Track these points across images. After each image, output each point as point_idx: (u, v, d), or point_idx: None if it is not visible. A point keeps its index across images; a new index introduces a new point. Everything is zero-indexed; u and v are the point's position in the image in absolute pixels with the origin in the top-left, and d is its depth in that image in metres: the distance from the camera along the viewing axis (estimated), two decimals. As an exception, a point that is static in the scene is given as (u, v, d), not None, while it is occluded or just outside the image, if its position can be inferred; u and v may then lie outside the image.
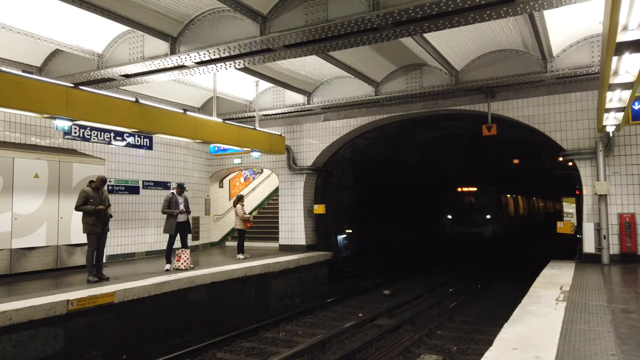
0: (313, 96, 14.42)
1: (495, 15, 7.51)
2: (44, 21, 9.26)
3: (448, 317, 10.40)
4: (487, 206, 24.26)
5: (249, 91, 14.70)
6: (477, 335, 8.87)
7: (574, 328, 5.49)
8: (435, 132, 18.18)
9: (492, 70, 11.81)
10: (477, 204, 24.71)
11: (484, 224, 23.87)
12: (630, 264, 10.48)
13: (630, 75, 6.19)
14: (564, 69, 11.16)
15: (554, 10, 8.53)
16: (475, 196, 25.08)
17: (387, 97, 13.21)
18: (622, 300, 7.10)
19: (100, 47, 10.52)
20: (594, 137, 11.18)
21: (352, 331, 9.23)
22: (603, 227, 10.83)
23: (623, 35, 4.76)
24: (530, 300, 7.02)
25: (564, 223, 15.44)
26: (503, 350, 4.69)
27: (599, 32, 10.28)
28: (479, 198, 24.91)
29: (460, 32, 10.17)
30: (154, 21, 9.13)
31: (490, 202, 24.64)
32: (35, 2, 8.65)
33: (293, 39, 8.49)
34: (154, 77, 10.89)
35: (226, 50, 9.05)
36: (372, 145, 16.65)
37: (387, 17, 7.50)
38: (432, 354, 7.77)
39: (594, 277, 9.07)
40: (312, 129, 15.19)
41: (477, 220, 23.69)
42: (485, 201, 24.53)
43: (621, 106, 7.78)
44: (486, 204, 24.40)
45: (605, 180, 10.88)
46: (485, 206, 24.23)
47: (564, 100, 11.66)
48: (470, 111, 12.95)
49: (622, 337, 5.10)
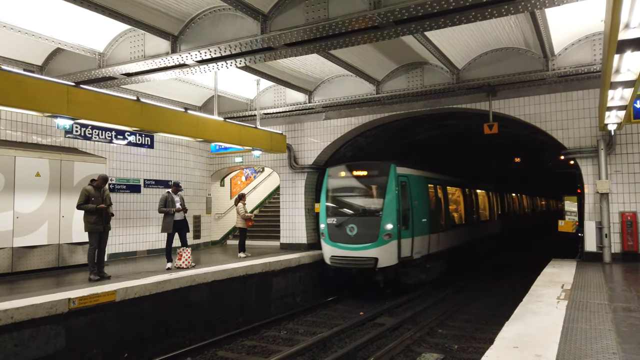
0: (314, 95, 14.40)
1: (496, 14, 7.50)
2: (45, 20, 9.26)
3: (449, 316, 10.41)
4: (390, 206, 11.84)
5: (250, 90, 14.69)
6: (478, 334, 8.86)
7: (575, 326, 5.49)
8: (436, 131, 18.15)
9: (494, 68, 11.78)
10: (367, 202, 12.69)
11: (376, 242, 11.72)
12: (632, 262, 10.47)
13: (631, 73, 6.18)
14: (565, 67, 11.13)
15: (555, 9, 8.52)
16: (367, 185, 12.79)
17: (388, 95, 13.19)
18: (623, 298, 7.09)
19: (102, 45, 10.52)
20: (595, 136, 11.15)
21: (352, 329, 9.24)
22: (604, 225, 10.81)
23: (625, 33, 4.75)
24: (531, 299, 7.02)
25: (566, 222, 15.42)
26: (504, 349, 4.69)
27: (600, 30, 10.24)
28: (373, 189, 12.71)
29: (461, 30, 10.14)
30: (155, 20, 9.13)
31: (398, 199, 11.96)
32: (37, 1, 8.66)
33: (294, 38, 8.48)
34: (155, 76, 10.89)
35: (227, 49, 9.05)
36: (374, 144, 16.64)
37: (388, 16, 7.49)
38: (433, 353, 7.77)
39: (596, 276, 9.06)
40: (313, 128, 15.18)
41: (363, 234, 11.91)
42: (388, 196, 11.97)
43: (623, 104, 7.77)
44: (389, 201, 11.90)
45: (607, 179, 10.86)
46: (388, 207, 11.86)
47: (566, 98, 11.64)
48: (471, 110, 12.93)
49: (624, 336, 5.10)
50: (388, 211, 11.72)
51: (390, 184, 11.91)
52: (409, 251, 12.10)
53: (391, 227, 11.60)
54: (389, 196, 11.86)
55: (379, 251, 11.57)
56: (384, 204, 11.81)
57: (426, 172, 13.81)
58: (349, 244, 11.94)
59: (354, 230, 11.95)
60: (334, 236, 12.23)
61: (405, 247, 11.90)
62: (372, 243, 11.62)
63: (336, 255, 12.10)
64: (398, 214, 11.71)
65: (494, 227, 21.76)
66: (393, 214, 11.69)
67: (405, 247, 11.93)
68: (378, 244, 11.59)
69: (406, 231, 11.95)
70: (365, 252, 11.67)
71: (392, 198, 11.84)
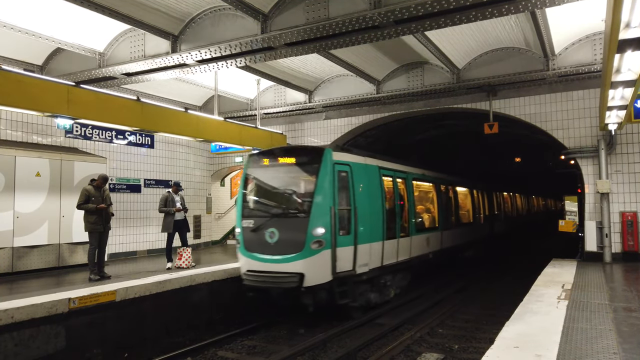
0: (314, 94, 14.40)
1: (497, 13, 7.50)
2: (45, 20, 9.27)
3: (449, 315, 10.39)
4: (321, 204, 8.77)
5: (250, 90, 14.69)
6: (478, 334, 8.86)
7: (575, 326, 5.48)
8: (436, 131, 18.16)
9: (494, 68, 11.79)
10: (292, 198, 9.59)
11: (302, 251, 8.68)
12: (632, 262, 10.46)
13: (632, 73, 6.18)
14: (566, 67, 11.13)
15: (555, 8, 8.51)
16: (293, 176, 9.84)
17: (389, 95, 13.19)
18: (624, 298, 7.08)
19: (102, 45, 10.52)
20: (596, 136, 11.15)
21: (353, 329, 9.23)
22: (605, 225, 10.81)
23: (625, 33, 4.75)
24: (531, 299, 7.01)
25: (566, 221, 15.42)
26: (504, 349, 4.68)
27: (601, 30, 10.24)
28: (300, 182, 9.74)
29: (462, 30, 10.14)
30: (155, 19, 9.13)
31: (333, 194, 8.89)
32: (37, 1, 8.66)
33: (294, 37, 8.48)
34: (155, 76, 10.89)
35: (227, 49, 9.05)
36: (374, 144, 16.63)
37: (388, 15, 7.49)
38: (433, 352, 7.77)
39: (596, 276, 9.05)
40: (314, 128, 15.18)
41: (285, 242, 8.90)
42: (319, 191, 8.86)
43: (623, 104, 7.77)
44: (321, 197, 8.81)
45: (607, 179, 10.85)
46: (319, 205, 8.78)
47: (566, 98, 11.63)
48: (472, 109, 12.93)
49: (624, 336, 5.09)
50: (318, 211, 8.58)
51: (322, 175, 8.75)
52: (350, 263, 8.99)
53: (322, 232, 8.46)
54: (321, 191, 8.66)
55: (306, 264, 8.45)
56: (313, 201, 8.65)
57: (381, 161, 10.66)
58: (268, 255, 8.80)
59: (274, 236, 8.81)
60: (250, 244, 9.09)
61: (343, 259, 8.83)
62: (297, 253, 8.53)
63: (252, 269, 8.94)
64: (333, 215, 8.60)
65: (479, 230, 18.58)
66: (325, 214, 8.57)
67: (344, 259, 8.85)
68: (304, 254, 8.48)
69: (346, 237, 8.89)
70: (287, 265, 8.56)
71: (324, 193, 8.64)
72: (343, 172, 9.17)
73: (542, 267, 10.47)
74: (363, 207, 9.41)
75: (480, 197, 19.01)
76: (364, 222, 9.41)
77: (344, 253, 8.88)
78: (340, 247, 8.78)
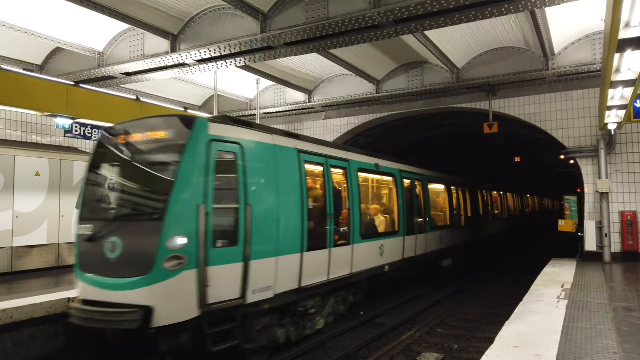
0: (314, 94, 14.39)
1: (496, 13, 7.50)
2: (45, 19, 9.26)
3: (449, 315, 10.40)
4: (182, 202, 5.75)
5: (250, 89, 14.68)
6: (478, 334, 8.86)
7: (575, 326, 5.48)
8: (436, 131, 18.17)
9: (494, 68, 11.78)
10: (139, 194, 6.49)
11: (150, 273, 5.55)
12: (632, 262, 10.46)
13: (632, 72, 6.18)
14: (565, 66, 11.13)
15: (555, 8, 8.51)
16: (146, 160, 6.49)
17: (388, 95, 13.19)
18: (623, 298, 7.08)
19: (101, 45, 10.51)
20: (595, 135, 11.15)
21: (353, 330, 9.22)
22: (605, 225, 10.81)
23: (625, 32, 4.75)
24: (531, 298, 7.01)
25: (566, 221, 15.44)
26: (504, 349, 4.68)
27: (600, 30, 10.23)
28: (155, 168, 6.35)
29: (461, 29, 10.14)
30: (154, 19, 9.12)
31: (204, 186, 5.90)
32: (36, 1, 8.65)
33: (294, 37, 8.48)
34: (155, 75, 10.88)
35: (227, 48, 9.05)
36: (374, 144, 16.63)
37: (388, 15, 7.49)
38: (433, 352, 7.77)
39: (596, 275, 9.05)
40: (313, 127, 15.17)
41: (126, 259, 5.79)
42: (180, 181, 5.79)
43: (623, 104, 7.77)
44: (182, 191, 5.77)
45: (607, 179, 10.85)
46: (178, 202, 5.72)
47: (566, 98, 11.63)
48: (471, 109, 12.92)
49: (624, 335, 5.09)
50: (178, 211, 5.70)
51: (188, 157, 5.89)
52: (236, 289, 6.12)
53: (182, 244, 5.59)
54: (184, 181, 5.80)
55: (154, 292, 5.53)
56: (171, 196, 5.69)
57: (304, 143, 7.98)
58: (107, 277, 5.85)
59: (115, 249, 5.83)
60: (86, 261, 6.15)
61: (222, 282, 5.94)
62: (141, 276, 5.57)
63: (88, 299, 5.96)
64: (203, 217, 5.74)
65: (459, 234, 15.41)
66: (189, 216, 5.70)
67: (224, 282, 5.97)
68: (153, 277, 5.52)
69: (228, 250, 6.04)
70: (127, 294, 5.62)
71: (189, 185, 5.82)
72: (227, 153, 6.28)
73: (542, 266, 10.47)
74: (264, 206, 6.63)
75: (461, 195, 15.99)
76: (265, 227, 6.55)
77: (223, 274, 5.93)
78: (215, 266, 5.81)
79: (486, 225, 19.31)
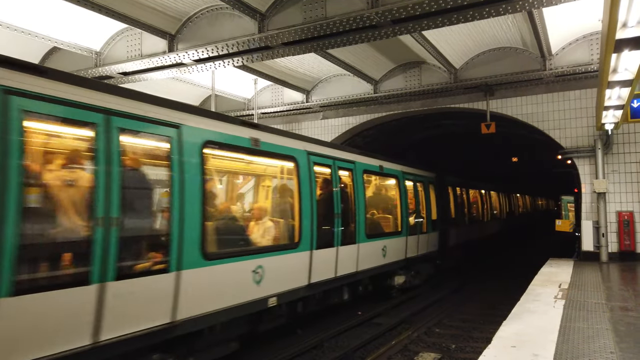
0: (312, 94, 14.39)
1: (494, 13, 7.51)
2: (42, 19, 9.23)
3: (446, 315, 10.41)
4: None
5: (247, 89, 14.66)
6: (475, 333, 8.87)
7: (572, 326, 5.49)
8: (434, 131, 18.17)
9: (491, 68, 11.80)
10: None
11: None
12: (629, 261, 10.48)
13: (629, 72, 6.19)
14: (562, 66, 11.16)
15: (552, 8, 8.52)
16: None
17: (386, 95, 13.19)
18: (620, 298, 7.10)
19: (98, 44, 10.49)
20: (592, 135, 11.17)
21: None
22: (602, 225, 10.83)
23: (622, 32, 4.76)
24: (529, 298, 7.02)
25: (563, 221, 15.48)
26: (502, 348, 4.68)
27: (598, 30, 10.26)
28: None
29: (459, 29, 10.15)
30: (152, 19, 9.10)
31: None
32: (34, 0, 8.62)
33: (291, 37, 8.48)
34: (152, 75, 10.86)
35: (224, 48, 9.03)
36: (371, 144, 16.63)
37: (385, 15, 7.49)
38: (430, 352, 7.77)
39: (593, 275, 9.07)
40: (311, 127, 15.16)
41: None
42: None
43: (620, 104, 7.79)
44: None
45: (604, 179, 10.87)
46: None
47: (563, 98, 11.65)
48: (469, 109, 12.93)
49: (621, 335, 5.10)
50: None
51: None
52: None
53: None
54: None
55: None
56: None
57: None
58: None
59: None
60: None
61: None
62: None
63: None
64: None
65: (414, 244, 11.60)
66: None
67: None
68: None
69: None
70: None
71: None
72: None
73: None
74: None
75: (422, 193, 12.48)
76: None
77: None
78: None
79: (461, 229, 16.11)
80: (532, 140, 16.36)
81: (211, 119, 6.00)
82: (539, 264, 10.80)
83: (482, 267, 17.40)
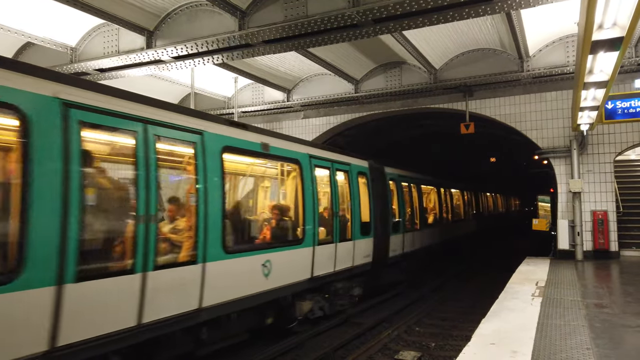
0: (293, 93, 14.33)
1: (473, 14, 7.58)
2: (15, 13, 8.95)
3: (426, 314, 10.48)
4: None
5: (227, 87, 14.52)
6: (455, 332, 8.94)
7: (549, 323, 5.57)
8: (415, 131, 18.31)
9: (470, 69, 11.93)
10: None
11: None
12: (603, 260, 10.72)
13: (604, 74, 6.32)
14: (539, 68, 11.35)
15: (530, 11, 8.66)
16: None
17: (367, 94, 13.22)
18: (595, 295, 7.24)
19: (74, 40, 10.24)
20: (568, 136, 11.39)
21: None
22: (577, 224, 11.04)
23: (599, 34, 4.84)
24: (507, 296, 7.10)
25: (539, 220, 15.74)
26: (481, 346, 4.71)
27: (573, 33, 10.47)
28: None
29: (439, 30, 10.23)
30: (129, 14, 8.92)
31: None
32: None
33: (272, 35, 8.41)
34: (130, 72, 10.65)
35: (204, 45, 8.91)
36: (352, 144, 16.66)
37: (367, 14, 7.49)
38: (410, 350, 7.80)
39: (569, 273, 9.24)
40: (292, 127, 15.10)
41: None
42: None
43: (595, 105, 7.95)
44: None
45: (580, 178, 11.09)
46: None
47: (540, 99, 11.85)
48: (448, 109, 13.05)
49: (597, 331, 5.19)
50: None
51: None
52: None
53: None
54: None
55: None
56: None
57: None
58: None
59: None
60: None
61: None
62: None
63: None
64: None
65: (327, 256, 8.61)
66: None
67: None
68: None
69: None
70: None
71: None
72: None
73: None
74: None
75: (346, 189, 9.64)
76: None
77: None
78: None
79: (415, 234, 13.47)
80: (510, 141, 16.61)
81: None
82: (517, 263, 10.97)
83: (461, 267, 17.58)
